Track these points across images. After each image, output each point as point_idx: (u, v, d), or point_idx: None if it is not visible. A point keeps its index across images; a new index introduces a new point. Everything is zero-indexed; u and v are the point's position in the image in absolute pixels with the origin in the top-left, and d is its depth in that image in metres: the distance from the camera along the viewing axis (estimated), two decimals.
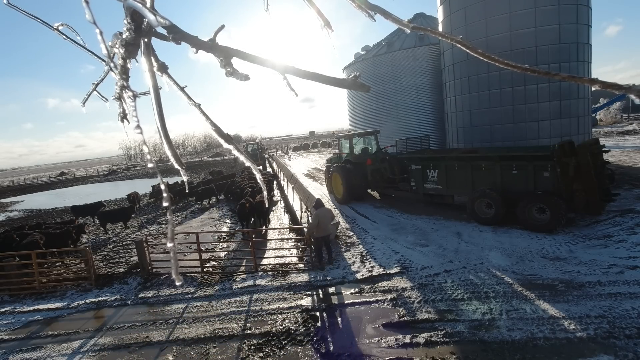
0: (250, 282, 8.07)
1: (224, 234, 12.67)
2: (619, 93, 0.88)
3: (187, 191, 12.88)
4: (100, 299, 8.21)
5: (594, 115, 35.97)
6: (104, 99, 1.42)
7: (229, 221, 14.59)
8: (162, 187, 1.09)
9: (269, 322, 6.36)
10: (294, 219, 13.31)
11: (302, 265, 8.73)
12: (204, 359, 5.55)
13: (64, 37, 1.35)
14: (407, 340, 5.34)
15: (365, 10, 1.14)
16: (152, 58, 1.03)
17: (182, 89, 1.06)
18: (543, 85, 13.48)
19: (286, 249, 9.95)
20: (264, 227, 12.41)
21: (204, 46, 1.00)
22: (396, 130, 20.66)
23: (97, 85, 1.38)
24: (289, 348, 5.57)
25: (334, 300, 6.88)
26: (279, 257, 9.43)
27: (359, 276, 7.76)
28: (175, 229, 1.02)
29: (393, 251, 8.96)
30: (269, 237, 11.51)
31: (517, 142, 13.95)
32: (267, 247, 10.44)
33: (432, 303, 6.31)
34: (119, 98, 1.15)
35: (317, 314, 6.48)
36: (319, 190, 18.21)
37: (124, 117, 1.18)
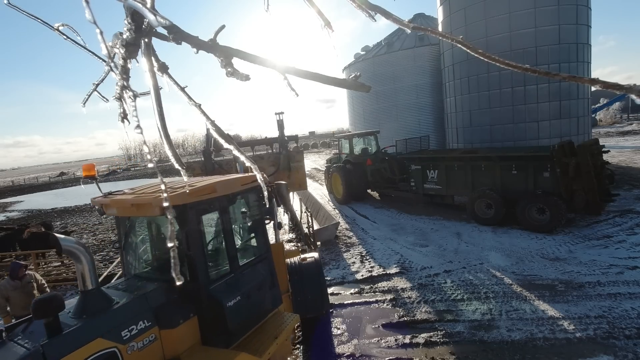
0: None
1: None
2: (620, 93, 0.88)
3: None
4: None
5: (593, 115, 36.02)
6: (104, 99, 1.43)
7: None
8: (163, 187, 1.09)
9: None
10: (293, 218, 13.30)
11: None
12: None
13: (65, 37, 1.35)
14: (407, 340, 5.33)
15: (366, 10, 1.14)
16: (153, 58, 1.03)
17: (182, 89, 1.06)
18: (543, 85, 13.49)
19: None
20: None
21: (204, 46, 1.00)
22: (396, 130, 20.66)
23: (97, 85, 1.38)
24: None
25: (334, 300, 6.87)
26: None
27: (358, 276, 7.76)
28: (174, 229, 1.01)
29: (393, 251, 8.95)
30: None
31: (517, 142, 13.95)
32: None
33: (432, 303, 6.31)
34: (120, 98, 1.15)
35: None
36: (319, 190, 18.21)
37: (124, 117, 1.18)
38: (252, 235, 4.25)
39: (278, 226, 6.52)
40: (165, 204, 1.01)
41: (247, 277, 3.75)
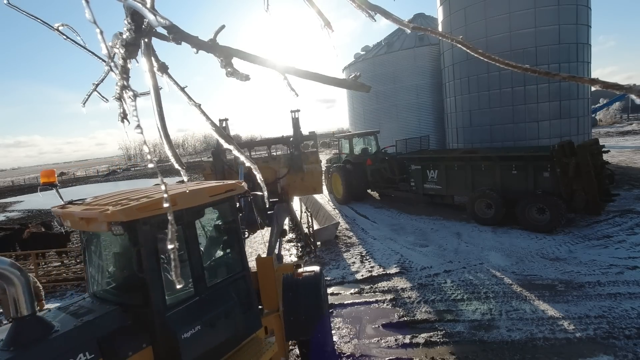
0: None
1: None
2: (620, 93, 0.88)
3: None
4: None
5: (593, 115, 36.00)
6: (104, 99, 1.42)
7: None
8: (163, 187, 1.08)
9: None
10: (293, 218, 13.31)
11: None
12: None
13: (65, 37, 1.35)
14: (407, 340, 5.33)
15: (366, 10, 1.14)
16: (153, 58, 1.03)
17: (182, 89, 1.06)
18: (543, 85, 13.49)
19: (285, 249, 9.95)
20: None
21: (204, 46, 1.00)
22: (396, 130, 20.66)
23: (97, 85, 1.38)
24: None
25: (334, 300, 6.87)
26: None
27: (358, 276, 7.76)
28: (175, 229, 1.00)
29: (393, 251, 8.95)
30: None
31: (516, 142, 13.95)
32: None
33: (432, 303, 6.31)
34: (120, 98, 1.15)
35: None
36: None
37: (124, 117, 1.18)
38: (226, 251, 3.85)
39: (282, 234, 6.02)
40: (166, 205, 1.00)
41: (216, 300, 3.31)
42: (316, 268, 4.88)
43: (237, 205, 3.79)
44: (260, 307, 4.25)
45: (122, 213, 2.65)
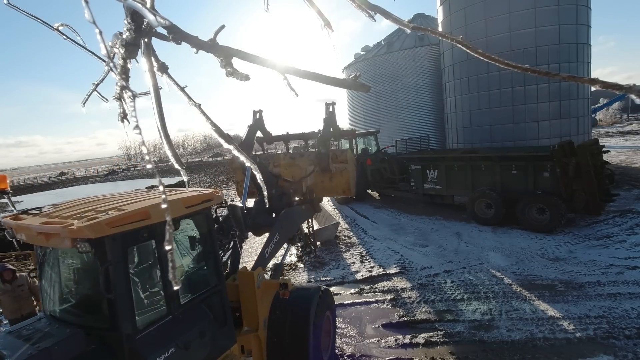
0: None
1: None
2: (620, 93, 0.88)
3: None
4: None
5: (593, 115, 35.97)
6: (104, 99, 1.43)
7: None
8: (161, 188, 1.08)
9: None
10: None
11: (302, 265, 8.74)
12: None
13: (64, 37, 1.35)
14: (407, 340, 5.33)
15: (365, 10, 1.14)
16: (153, 58, 1.03)
17: (182, 89, 1.06)
18: (543, 85, 13.49)
19: (285, 248, 9.94)
20: None
21: (204, 46, 1.00)
22: (396, 130, 20.66)
23: (97, 85, 1.38)
24: None
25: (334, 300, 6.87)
26: (278, 256, 9.41)
27: (358, 276, 7.76)
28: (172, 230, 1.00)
29: (393, 251, 8.95)
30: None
31: (516, 142, 13.95)
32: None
33: (432, 303, 6.31)
34: (119, 98, 1.15)
35: None
36: None
37: (124, 117, 1.18)
38: (201, 264, 3.60)
39: (290, 242, 5.70)
40: (164, 206, 1.00)
41: (190, 318, 3.09)
42: (314, 286, 4.45)
43: (214, 215, 3.61)
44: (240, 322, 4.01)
45: (89, 229, 2.32)
